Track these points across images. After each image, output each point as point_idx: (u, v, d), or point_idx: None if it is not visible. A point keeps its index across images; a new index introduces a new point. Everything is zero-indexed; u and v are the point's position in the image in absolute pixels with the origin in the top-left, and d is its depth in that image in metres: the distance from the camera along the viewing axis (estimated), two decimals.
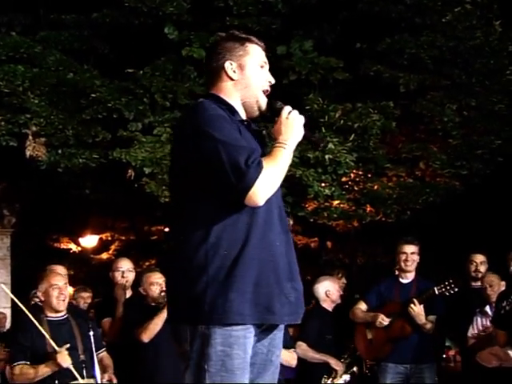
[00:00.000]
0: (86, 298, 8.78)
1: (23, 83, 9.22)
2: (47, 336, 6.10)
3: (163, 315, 6.65)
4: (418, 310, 7.60)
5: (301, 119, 3.65)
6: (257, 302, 3.40)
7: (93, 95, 9.39)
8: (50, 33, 9.89)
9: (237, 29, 9.30)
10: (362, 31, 10.29)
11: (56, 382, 6.02)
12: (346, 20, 10.26)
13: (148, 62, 9.45)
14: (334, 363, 8.04)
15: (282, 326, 3.68)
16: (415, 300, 7.60)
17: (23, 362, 6.16)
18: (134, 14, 9.60)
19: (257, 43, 3.79)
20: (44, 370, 6.07)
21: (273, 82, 3.78)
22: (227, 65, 3.69)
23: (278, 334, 3.65)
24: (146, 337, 6.75)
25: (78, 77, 9.57)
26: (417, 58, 10.38)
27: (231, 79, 3.70)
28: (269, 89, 3.76)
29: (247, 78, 3.71)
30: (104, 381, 6.25)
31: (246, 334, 3.41)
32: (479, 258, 8.31)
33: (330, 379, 7.95)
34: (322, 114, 9.97)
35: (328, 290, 8.39)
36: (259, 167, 3.36)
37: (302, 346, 7.89)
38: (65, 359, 5.98)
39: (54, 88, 9.53)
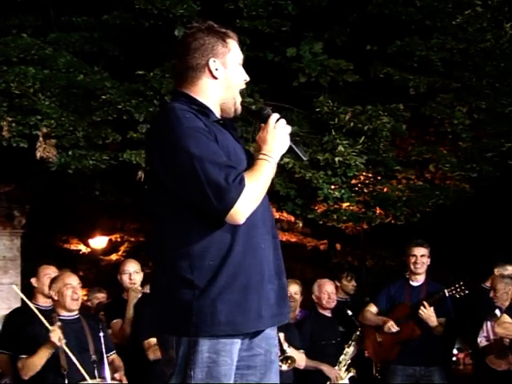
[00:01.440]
0: (100, 299, 8.79)
1: (34, 85, 9.22)
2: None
3: None
4: (428, 312, 7.62)
5: (287, 129, 3.56)
6: (248, 308, 3.36)
7: (103, 97, 9.38)
8: (60, 35, 9.90)
9: (247, 31, 9.42)
10: (372, 33, 10.29)
11: (66, 381, 6.03)
12: (356, 22, 10.25)
13: (158, 64, 9.45)
14: (327, 370, 7.99)
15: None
16: (425, 303, 7.63)
17: (23, 355, 6.17)
18: (145, 16, 9.58)
19: (234, 38, 3.64)
20: (41, 354, 6.06)
21: (248, 79, 3.67)
22: (212, 62, 3.53)
23: (272, 333, 3.60)
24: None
25: (88, 78, 9.58)
26: (427, 61, 10.35)
27: (214, 78, 3.56)
28: (244, 87, 3.67)
29: (229, 78, 3.58)
30: (115, 380, 6.25)
31: (233, 340, 3.37)
32: None
33: None
34: (331, 117, 9.95)
35: (315, 294, 8.36)
36: (241, 185, 3.27)
37: None
38: (57, 337, 5.97)
39: (64, 90, 9.55)
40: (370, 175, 10.84)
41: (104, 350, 6.06)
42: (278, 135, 3.52)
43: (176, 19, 9.45)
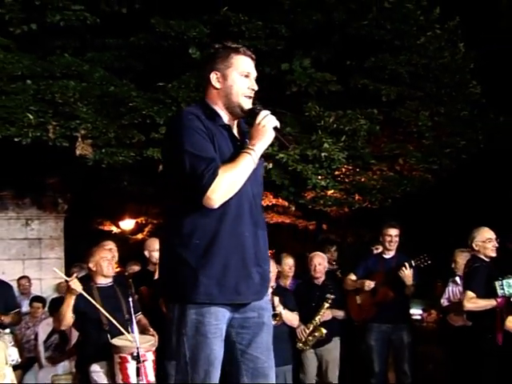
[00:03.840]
0: (136, 270, 8.81)
1: (74, 95, 9.21)
2: (93, 301, 6.13)
3: None
4: (408, 272, 7.62)
5: (273, 124, 3.52)
6: (224, 284, 3.37)
7: (130, 104, 9.37)
8: (95, 54, 9.88)
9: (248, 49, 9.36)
10: (351, 51, 10.28)
11: (108, 335, 6.07)
12: (338, 42, 10.23)
13: (175, 77, 9.42)
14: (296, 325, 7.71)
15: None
16: (406, 264, 7.63)
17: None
18: (164, 38, 9.58)
19: (244, 53, 3.62)
20: (67, 301, 6.07)
21: (255, 88, 3.63)
22: (212, 75, 3.57)
23: (265, 299, 3.62)
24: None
25: (118, 89, 9.56)
26: (396, 74, 10.38)
27: (215, 88, 3.57)
28: (251, 95, 3.61)
29: (229, 87, 3.56)
30: (151, 334, 6.29)
31: (216, 307, 3.40)
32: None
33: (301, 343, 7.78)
34: (318, 119, 9.95)
35: (307, 265, 8.24)
36: (213, 175, 3.26)
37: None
38: (76, 285, 5.99)
39: (98, 99, 9.53)
40: (350, 167, 10.84)
41: (133, 311, 6.03)
42: (261, 130, 3.48)
43: (190, 40, 9.43)
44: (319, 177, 9.95)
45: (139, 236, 17.59)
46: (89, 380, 6.20)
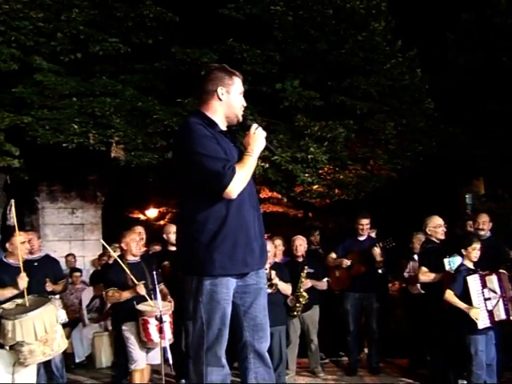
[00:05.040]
0: (157, 250, 8.84)
1: (110, 109, 9.29)
2: (129, 273, 6.21)
3: None
4: (378, 250, 7.70)
5: (263, 134, 3.59)
6: (235, 258, 3.42)
7: (154, 116, 9.46)
8: (126, 76, 9.95)
9: (249, 72, 9.43)
10: (331, 74, 10.35)
11: (134, 302, 6.17)
12: (321, 66, 10.30)
13: (191, 94, 9.47)
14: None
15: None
16: (377, 244, 7.72)
17: (112, 288, 6.28)
18: (182, 63, 9.65)
19: (239, 76, 3.67)
20: (127, 295, 6.21)
21: (245, 104, 3.68)
22: (220, 89, 3.55)
23: (261, 271, 3.66)
24: None
25: (145, 105, 9.63)
26: (367, 92, 10.46)
27: (220, 100, 3.57)
28: (243, 109, 3.66)
29: (231, 100, 3.58)
30: (168, 302, 6.35)
31: (228, 278, 3.46)
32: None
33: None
34: (305, 128, 10.04)
35: (291, 246, 8.21)
36: (233, 172, 3.32)
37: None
38: (142, 289, 6.15)
39: (129, 112, 9.59)
40: (331, 167, 10.87)
41: (156, 283, 6.09)
42: (256, 138, 3.54)
43: (202, 65, 9.44)
44: (306, 174, 10.00)
45: (161, 222, 17.55)
46: (121, 336, 6.33)
